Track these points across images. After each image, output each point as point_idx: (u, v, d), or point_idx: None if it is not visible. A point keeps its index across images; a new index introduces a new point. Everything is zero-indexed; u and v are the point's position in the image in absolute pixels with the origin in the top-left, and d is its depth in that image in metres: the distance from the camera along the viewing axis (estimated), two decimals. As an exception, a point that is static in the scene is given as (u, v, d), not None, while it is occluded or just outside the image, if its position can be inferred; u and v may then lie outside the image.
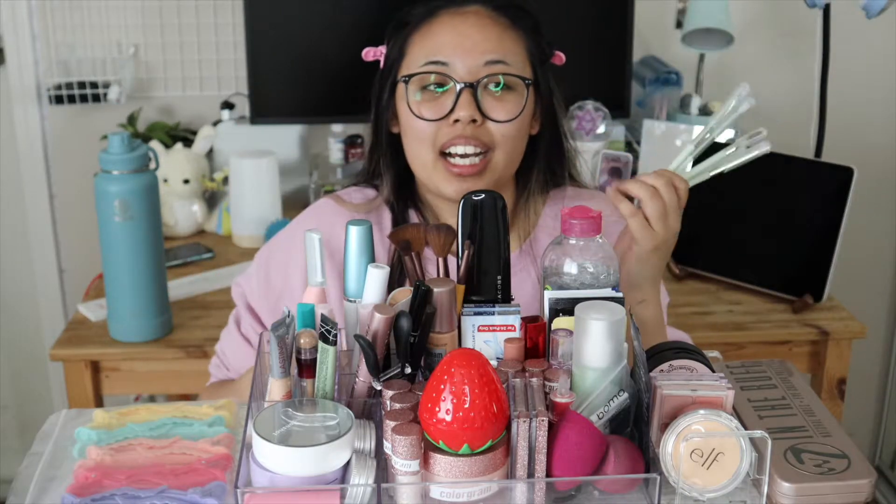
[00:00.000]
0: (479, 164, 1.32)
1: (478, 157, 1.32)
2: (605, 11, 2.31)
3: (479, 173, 1.33)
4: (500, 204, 1.13)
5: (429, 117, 1.33)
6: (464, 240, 1.13)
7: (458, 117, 1.31)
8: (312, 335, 1.04)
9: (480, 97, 1.32)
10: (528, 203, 1.42)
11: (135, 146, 1.76)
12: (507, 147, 1.34)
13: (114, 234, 1.75)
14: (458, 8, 1.35)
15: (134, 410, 1.15)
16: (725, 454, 0.97)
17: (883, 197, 2.69)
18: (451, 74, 1.32)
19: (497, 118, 1.32)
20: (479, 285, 1.12)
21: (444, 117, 1.32)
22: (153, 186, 1.76)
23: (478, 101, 1.31)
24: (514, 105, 1.33)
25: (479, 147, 1.32)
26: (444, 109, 1.32)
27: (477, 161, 1.32)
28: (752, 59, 2.58)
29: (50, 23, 2.46)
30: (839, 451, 1.02)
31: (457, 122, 1.31)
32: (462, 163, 1.32)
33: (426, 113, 1.33)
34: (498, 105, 1.33)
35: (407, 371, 1.03)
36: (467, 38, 1.32)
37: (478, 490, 0.95)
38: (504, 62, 1.32)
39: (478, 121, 1.31)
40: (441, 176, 1.34)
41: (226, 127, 2.39)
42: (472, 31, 1.33)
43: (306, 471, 0.94)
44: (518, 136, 1.35)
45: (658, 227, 1.24)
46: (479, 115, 1.31)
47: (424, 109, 1.33)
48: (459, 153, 1.31)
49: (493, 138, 1.33)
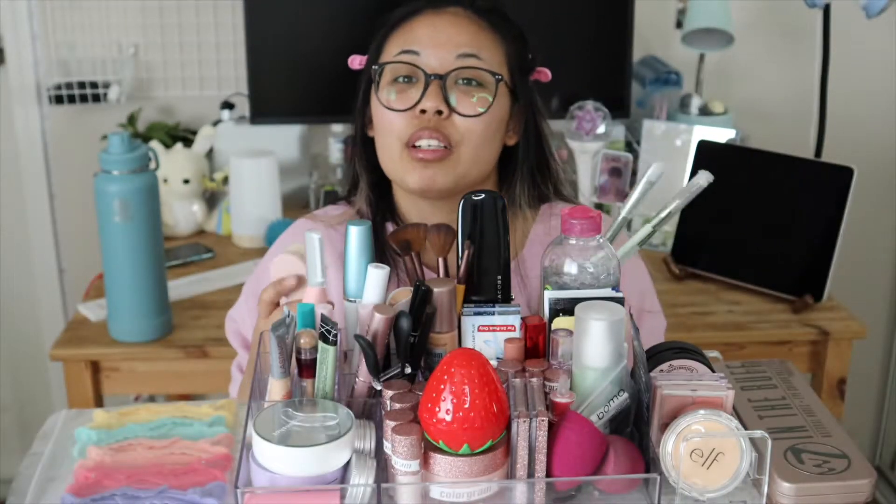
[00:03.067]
0: (443, 152, 1.31)
1: (442, 148, 1.31)
2: (605, 11, 2.32)
3: (442, 160, 1.31)
4: (500, 204, 1.13)
5: (397, 107, 1.32)
6: (464, 240, 1.13)
7: (424, 108, 1.30)
8: (312, 335, 1.04)
9: (449, 90, 1.31)
10: (516, 217, 1.39)
11: (135, 146, 1.76)
12: (473, 143, 1.32)
13: (114, 234, 1.75)
14: (438, 9, 1.35)
15: (134, 410, 1.15)
16: (725, 454, 0.97)
17: (883, 197, 2.69)
18: (421, 65, 1.31)
19: (463, 112, 1.31)
20: (479, 285, 1.12)
21: (412, 108, 1.31)
22: (153, 186, 1.77)
23: (445, 94, 1.30)
24: (483, 101, 1.31)
25: (442, 141, 1.30)
26: (412, 100, 1.31)
27: (441, 149, 1.31)
28: (752, 59, 2.58)
29: (50, 23, 2.46)
30: (839, 451, 1.02)
31: (423, 114, 1.30)
32: (426, 149, 1.31)
33: (395, 104, 1.32)
34: (465, 99, 1.31)
35: (407, 371, 1.03)
36: (442, 31, 1.33)
37: (478, 490, 0.95)
38: (476, 56, 1.32)
39: (444, 113, 1.30)
40: (406, 166, 1.32)
41: (226, 127, 2.39)
42: (447, 26, 1.33)
43: (306, 471, 0.94)
44: (485, 134, 1.33)
45: None
46: (446, 107, 1.30)
47: (393, 100, 1.32)
48: (423, 146, 1.31)
49: (459, 133, 1.31)
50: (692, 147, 2.17)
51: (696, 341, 1.17)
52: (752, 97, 2.60)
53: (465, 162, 1.32)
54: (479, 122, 1.31)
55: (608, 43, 2.33)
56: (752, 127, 2.45)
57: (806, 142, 2.35)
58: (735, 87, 2.58)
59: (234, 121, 2.41)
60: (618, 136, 2.34)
